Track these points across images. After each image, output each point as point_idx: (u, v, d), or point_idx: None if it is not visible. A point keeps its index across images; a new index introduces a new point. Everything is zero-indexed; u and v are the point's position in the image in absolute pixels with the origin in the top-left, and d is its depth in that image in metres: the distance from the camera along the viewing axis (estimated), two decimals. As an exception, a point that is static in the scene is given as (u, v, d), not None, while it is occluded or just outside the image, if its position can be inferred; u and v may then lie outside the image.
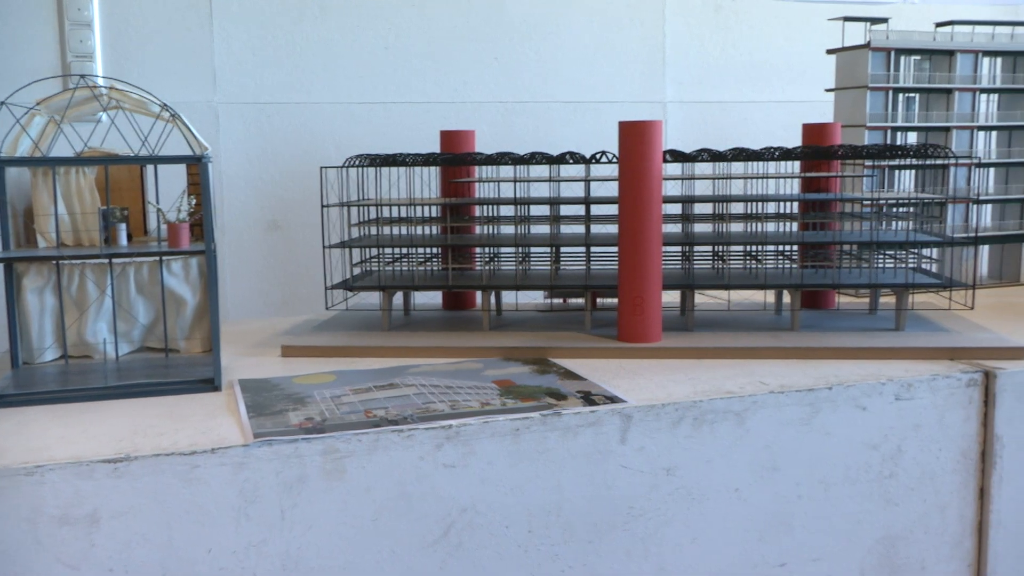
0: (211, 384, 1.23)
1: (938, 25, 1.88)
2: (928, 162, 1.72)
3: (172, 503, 0.99)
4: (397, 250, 1.59)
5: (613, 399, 1.15)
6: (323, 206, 1.49)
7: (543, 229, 1.60)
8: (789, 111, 2.46)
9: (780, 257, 1.59)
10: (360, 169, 1.52)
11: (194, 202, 1.31)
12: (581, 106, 2.43)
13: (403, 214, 1.61)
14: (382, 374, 1.29)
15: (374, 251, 1.58)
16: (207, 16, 1.98)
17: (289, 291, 2.11)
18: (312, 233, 2.00)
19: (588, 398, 1.16)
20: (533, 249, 1.62)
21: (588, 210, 1.57)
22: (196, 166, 1.27)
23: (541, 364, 1.33)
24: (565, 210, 1.64)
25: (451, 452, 1.07)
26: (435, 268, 1.63)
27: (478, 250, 1.65)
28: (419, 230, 1.62)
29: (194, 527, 1.00)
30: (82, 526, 0.97)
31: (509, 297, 1.69)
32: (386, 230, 1.60)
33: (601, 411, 1.12)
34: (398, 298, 1.63)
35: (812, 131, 1.63)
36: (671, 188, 1.74)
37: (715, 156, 1.43)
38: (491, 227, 1.59)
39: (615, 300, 1.43)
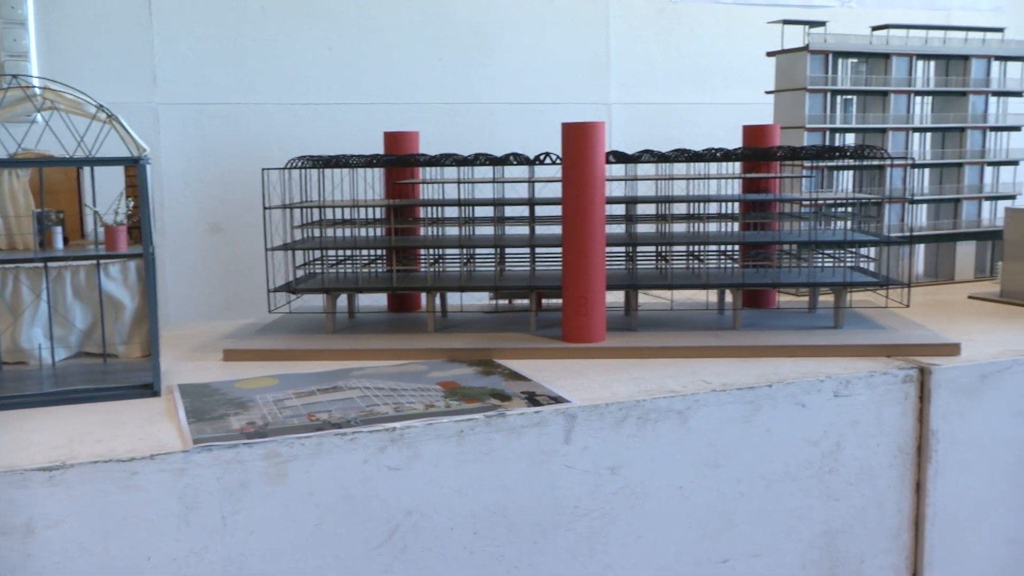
0: (150, 389, 1.21)
1: (874, 29, 1.92)
2: (865, 163, 1.75)
3: (110, 511, 0.97)
4: (341, 252, 1.58)
5: (557, 399, 1.16)
6: (265, 208, 1.47)
7: (488, 230, 1.60)
8: (731, 113, 2.49)
9: (722, 257, 1.61)
10: (303, 171, 1.50)
11: (132, 204, 1.29)
12: (527, 107, 2.43)
13: (347, 216, 1.61)
14: (326, 377, 1.28)
15: (317, 253, 1.56)
16: (146, 15, 1.95)
17: (231, 294, 2.09)
18: (255, 235, 1.97)
19: (532, 399, 1.16)
20: (478, 250, 1.62)
21: (532, 211, 1.58)
22: (134, 168, 1.25)
23: (486, 365, 1.33)
24: (510, 211, 1.64)
25: (395, 455, 1.07)
26: (380, 270, 1.62)
27: (423, 251, 1.65)
28: (363, 232, 1.61)
29: (133, 535, 0.98)
30: (17, 536, 0.95)
31: (454, 298, 1.69)
32: (330, 232, 1.59)
33: (545, 411, 1.12)
34: (342, 300, 1.62)
35: (752, 132, 1.65)
36: (615, 189, 1.75)
37: (657, 157, 1.44)
38: (436, 228, 1.59)
39: (560, 301, 1.44)
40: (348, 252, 1.58)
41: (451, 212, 1.63)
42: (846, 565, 1.30)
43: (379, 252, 1.63)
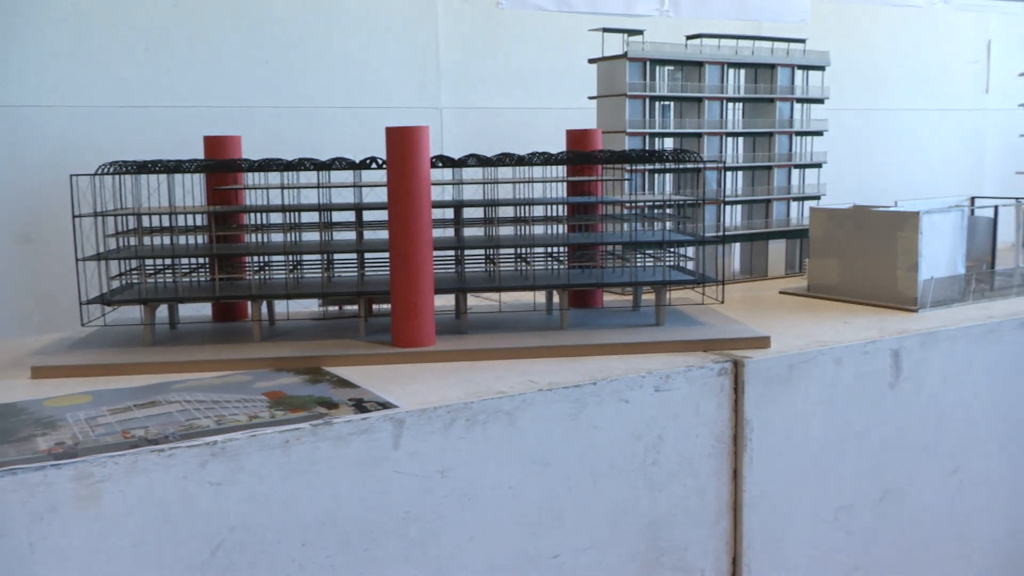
0: (-54, 412, 1.13)
1: (689, 38, 2.01)
2: (682, 166, 1.82)
3: (-102, 546, 0.90)
4: (160, 261, 1.52)
5: (385, 405, 1.15)
6: (74, 216, 1.40)
7: (315, 236, 1.58)
8: (558, 117, 2.54)
9: (549, 259, 1.64)
10: (116, 176, 1.44)
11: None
12: (358, 111, 2.41)
13: (166, 223, 1.54)
14: (143, 392, 1.23)
15: (135, 263, 1.50)
16: (-61, 11, 1.82)
17: (45, 308, 1.97)
18: (69, 245, 1.87)
19: (360, 405, 1.15)
20: (305, 256, 1.59)
21: (360, 216, 1.56)
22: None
23: (314, 373, 1.31)
24: (337, 216, 1.62)
25: (217, 469, 1.04)
26: (202, 279, 1.57)
27: (248, 259, 1.61)
28: (184, 240, 1.55)
29: (-74, 570, 0.91)
30: None
31: (282, 306, 1.65)
32: (148, 240, 1.52)
33: (373, 417, 1.12)
34: (163, 311, 1.56)
35: (575, 137, 1.69)
36: (444, 193, 1.76)
37: (482, 161, 1.45)
38: (260, 235, 1.55)
39: (389, 306, 1.43)
40: (168, 261, 1.52)
41: (276, 218, 1.59)
42: (671, 553, 1.35)
43: (201, 260, 1.57)
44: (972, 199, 2.02)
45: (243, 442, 1.05)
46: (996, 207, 1.85)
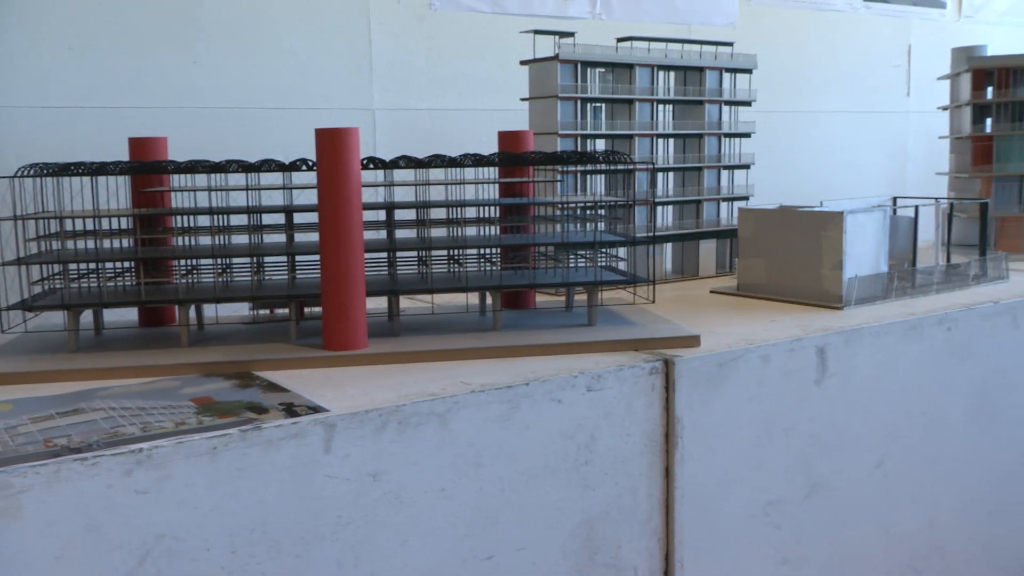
0: None
1: (619, 40, 2.02)
2: (614, 167, 1.84)
3: None
4: (83, 266, 1.48)
5: (316, 409, 1.14)
6: (-8, 220, 1.36)
7: (245, 239, 1.56)
8: (492, 119, 2.55)
9: (482, 260, 1.64)
10: (36, 179, 1.40)
11: None
12: (290, 112, 2.39)
13: (90, 227, 1.51)
14: (66, 399, 1.20)
15: (57, 268, 1.46)
16: None
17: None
18: (-13, 250, 1.82)
19: (291, 410, 1.14)
20: (234, 260, 1.57)
21: (290, 218, 1.55)
22: None
23: (244, 378, 1.29)
24: (267, 219, 1.60)
25: (143, 477, 1.02)
26: (128, 283, 1.53)
27: (175, 262, 1.58)
28: (108, 243, 1.52)
29: None
30: None
31: (211, 310, 1.62)
32: (71, 244, 1.49)
33: (304, 422, 1.11)
34: (87, 317, 1.52)
35: (507, 138, 1.70)
36: (376, 194, 1.75)
37: (413, 162, 1.45)
38: (188, 238, 1.53)
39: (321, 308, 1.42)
40: (92, 265, 1.49)
41: (204, 221, 1.57)
42: (605, 552, 1.36)
43: (127, 264, 1.54)
44: (894, 199, 2.07)
45: (170, 449, 1.03)
46: (916, 207, 1.91)
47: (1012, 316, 1.79)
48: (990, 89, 2.39)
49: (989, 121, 2.40)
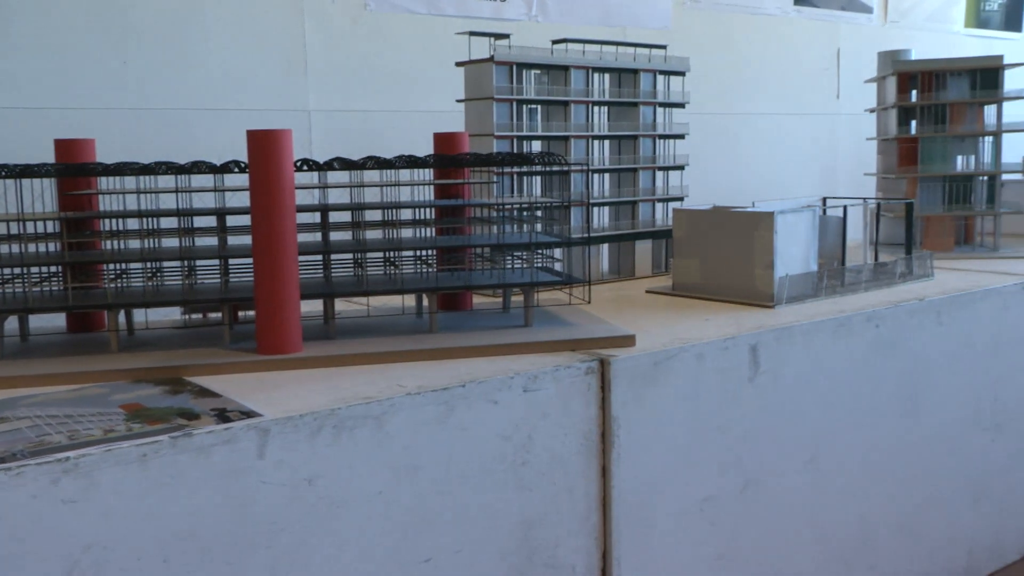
0: None
1: (554, 43, 2.04)
2: (549, 169, 1.85)
3: None
4: (8, 270, 1.45)
5: (249, 414, 1.13)
6: (-90, 224, 1.32)
7: (176, 242, 1.53)
8: (428, 120, 2.54)
9: (418, 262, 1.64)
10: (-44, 182, 1.36)
11: None
12: (223, 114, 2.35)
13: (15, 231, 1.47)
14: (-11, 408, 1.17)
15: (-20, 273, 1.42)
16: None
17: None
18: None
19: (223, 415, 1.12)
20: (165, 263, 1.54)
21: (222, 221, 1.52)
22: None
23: (175, 384, 1.27)
24: (199, 221, 1.58)
25: (70, 486, 0.99)
26: (55, 288, 1.50)
27: (104, 266, 1.54)
28: (35, 248, 1.48)
29: None
30: None
31: (141, 315, 1.59)
32: (-6, 249, 1.45)
33: (236, 427, 1.09)
34: (13, 324, 1.48)
35: (442, 140, 1.70)
36: (311, 197, 1.73)
37: (347, 164, 1.44)
38: (117, 242, 1.50)
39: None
40: (17, 270, 1.45)
41: (134, 224, 1.54)
42: (542, 551, 1.37)
43: (53, 269, 1.51)
44: (824, 199, 2.11)
45: (97, 457, 1.01)
46: (845, 207, 1.95)
47: (936, 313, 1.84)
48: (915, 92, 2.46)
49: (914, 123, 2.46)
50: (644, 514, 1.46)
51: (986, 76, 2.39)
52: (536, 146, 1.99)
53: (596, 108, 2.06)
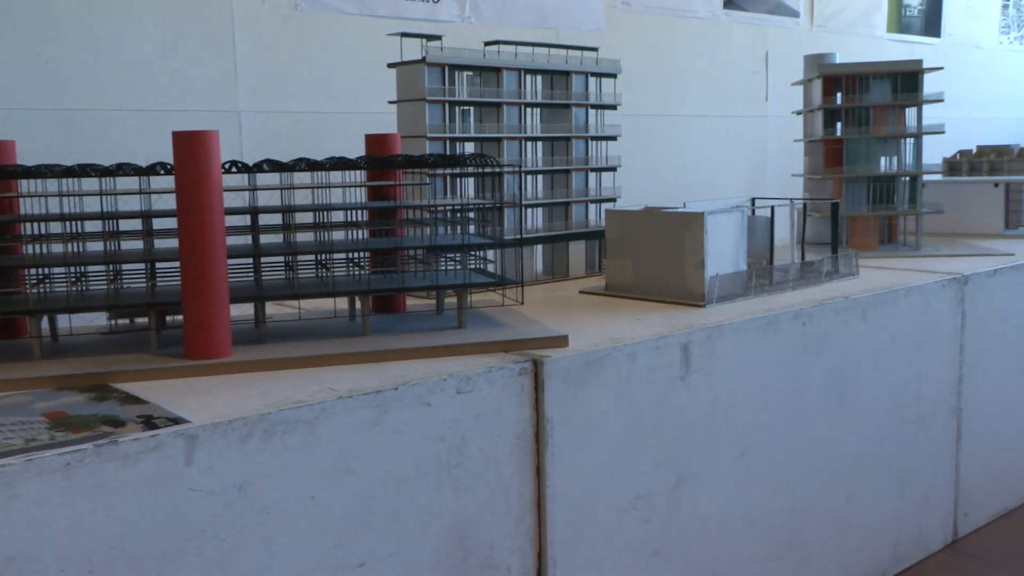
0: None
1: (487, 44, 2.04)
2: (482, 170, 1.85)
3: None
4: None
5: (177, 420, 1.11)
6: None
7: (101, 246, 1.50)
8: (361, 122, 2.53)
9: (351, 264, 1.63)
10: None
11: None
12: (150, 115, 2.31)
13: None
14: (-97, 419, 1.13)
15: None
16: None
17: None
18: None
19: (149, 422, 1.10)
20: (90, 267, 1.50)
21: (148, 224, 1.50)
22: None
23: (100, 391, 1.25)
24: (125, 224, 1.55)
25: (-11, 498, 0.97)
26: (-26, 294, 1.46)
27: (26, 271, 1.50)
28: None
29: None
30: None
31: (65, 321, 1.56)
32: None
33: (163, 434, 1.07)
34: (-71, 330, 1.44)
35: (374, 141, 1.69)
36: (242, 199, 1.71)
37: (277, 166, 1.42)
38: (39, 246, 1.46)
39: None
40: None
41: (57, 227, 1.50)
42: (478, 553, 1.37)
43: (-28, 274, 1.46)
44: (753, 200, 2.15)
45: (19, 467, 0.98)
46: (773, 207, 1.99)
47: (862, 310, 1.89)
48: (839, 95, 2.52)
49: (839, 125, 2.52)
50: (579, 513, 1.47)
51: (906, 79, 2.46)
52: (469, 147, 1.99)
53: (529, 110, 2.07)
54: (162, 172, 1.36)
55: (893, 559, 2.07)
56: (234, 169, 1.42)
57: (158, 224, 1.51)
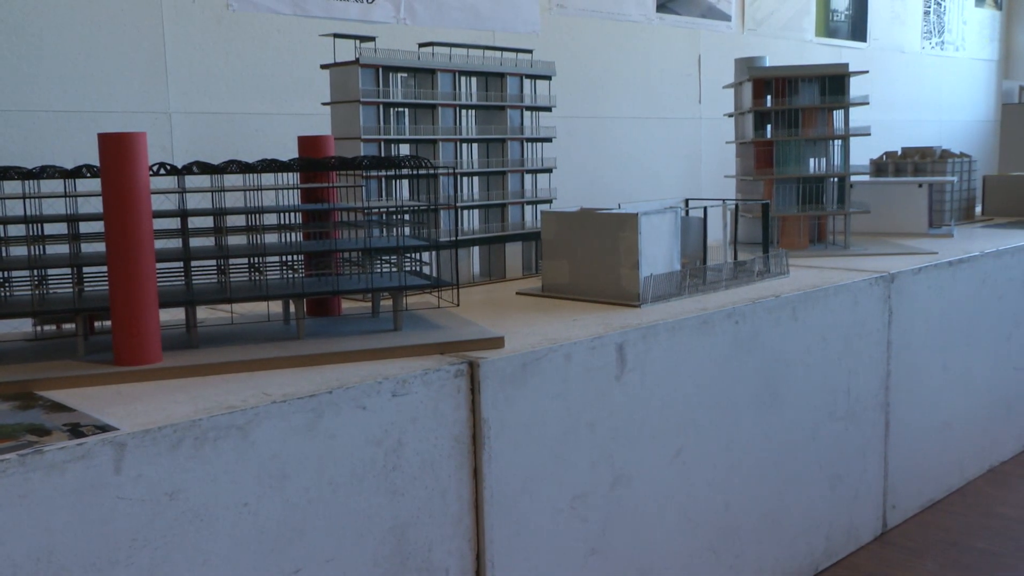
0: None
1: (421, 46, 2.03)
2: (417, 172, 1.85)
3: None
4: None
5: (105, 428, 1.08)
6: None
7: (24, 251, 1.46)
8: (298, 123, 2.51)
9: (284, 267, 1.61)
10: None
11: None
12: (75, 116, 2.26)
13: None
14: None
15: None
16: None
17: None
18: None
19: (76, 430, 1.08)
20: (13, 272, 1.47)
21: (74, 228, 1.46)
22: None
23: (25, 399, 1.21)
24: (50, 228, 1.51)
25: (-94, 511, 0.94)
26: None
27: (-54, 278, 1.46)
28: None
29: None
30: None
31: (-12, 328, 1.52)
32: None
33: (90, 442, 1.05)
34: None
35: (307, 143, 1.67)
36: (171, 202, 1.68)
37: (207, 168, 1.40)
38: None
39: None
40: None
41: (-22, 232, 1.46)
42: (416, 556, 1.36)
43: None
44: (687, 201, 2.18)
45: (-63, 479, 0.95)
46: (705, 208, 2.02)
47: (792, 309, 1.92)
48: (769, 98, 2.56)
49: (769, 127, 2.56)
50: (517, 514, 1.48)
51: (834, 82, 2.51)
52: (404, 149, 1.99)
53: (464, 111, 2.07)
54: (88, 175, 1.33)
55: (825, 552, 2.11)
56: (163, 171, 1.39)
57: (85, 228, 1.48)
